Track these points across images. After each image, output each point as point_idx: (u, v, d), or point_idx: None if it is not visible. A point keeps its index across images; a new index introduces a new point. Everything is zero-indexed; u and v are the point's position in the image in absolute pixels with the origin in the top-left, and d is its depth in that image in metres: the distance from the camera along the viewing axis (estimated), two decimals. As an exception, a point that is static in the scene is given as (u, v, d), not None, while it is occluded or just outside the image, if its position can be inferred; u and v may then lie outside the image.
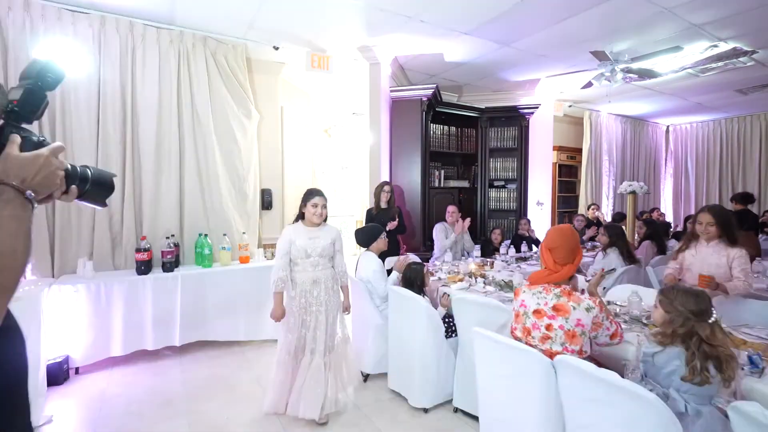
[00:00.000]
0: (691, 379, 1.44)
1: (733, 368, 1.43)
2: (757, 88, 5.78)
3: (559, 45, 4.24)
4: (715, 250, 2.47)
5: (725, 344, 1.47)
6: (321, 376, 2.35)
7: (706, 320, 1.49)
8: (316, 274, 2.41)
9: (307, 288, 2.40)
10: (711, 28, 3.85)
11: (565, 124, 7.24)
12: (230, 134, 3.92)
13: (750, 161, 7.44)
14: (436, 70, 5.06)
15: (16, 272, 0.70)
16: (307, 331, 2.38)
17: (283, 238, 2.42)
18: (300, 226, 2.46)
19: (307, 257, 2.39)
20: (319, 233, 2.45)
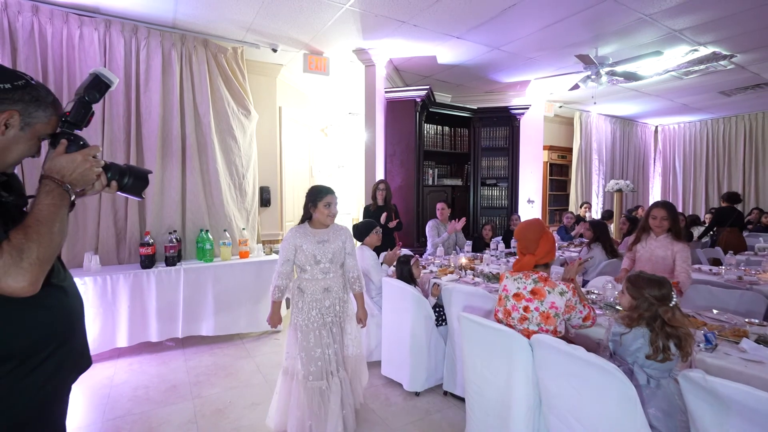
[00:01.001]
0: (655, 357, 1.61)
1: (690, 345, 1.60)
2: (740, 90, 5.99)
3: (546, 49, 4.41)
4: (662, 243, 2.66)
5: (684, 325, 1.63)
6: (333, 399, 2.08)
7: (667, 304, 1.66)
8: (327, 282, 2.12)
9: (318, 297, 2.11)
10: (690, 34, 4.04)
11: (556, 124, 7.43)
12: (230, 133, 4.06)
13: (735, 160, 7.67)
14: (429, 72, 5.22)
15: (54, 248, 0.90)
16: (323, 350, 2.08)
17: (287, 243, 2.10)
18: (307, 229, 2.14)
19: (317, 263, 2.09)
20: (329, 236, 2.14)
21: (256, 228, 4.41)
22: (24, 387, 0.89)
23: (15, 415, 0.88)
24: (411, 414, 2.51)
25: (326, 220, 2.12)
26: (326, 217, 2.11)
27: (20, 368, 0.89)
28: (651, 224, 2.70)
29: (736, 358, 1.60)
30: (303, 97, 5.62)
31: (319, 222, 2.15)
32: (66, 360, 1.00)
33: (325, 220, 2.13)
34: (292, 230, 2.14)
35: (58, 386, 0.99)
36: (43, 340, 0.94)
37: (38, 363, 0.92)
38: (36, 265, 0.83)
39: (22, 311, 0.90)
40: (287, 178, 5.10)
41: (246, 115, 4.20)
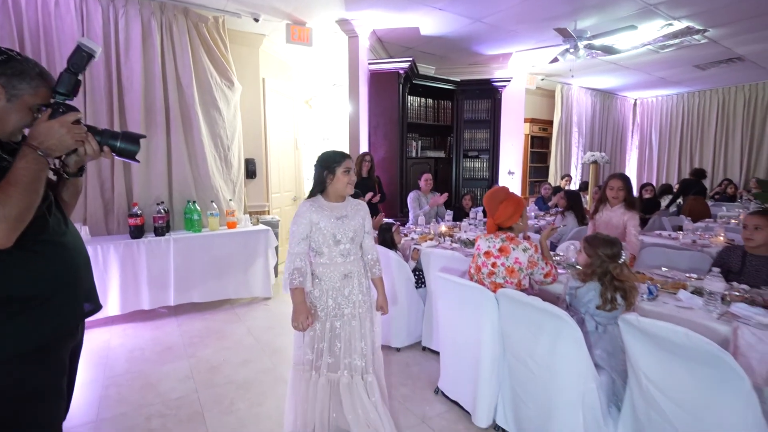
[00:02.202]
0: (604, 307, 1.83)
1: (634, 297, 1.82)
2: (713, 64, 6.16)
3: (526, 21, 4.47)
4: (616, 213, 2.89)
5: (630, 279, 1.85)
6: (370, 402, 1.84)
7: (617, 261, 1.87)
8: (347, 267, 1.83)
9: (336, 285, 1.81)
10: (665, 8, 4.14)
11: (538, 97, 7.55)
12: (214, 105, 4.07)
13: (708, 133, 7.96)
14: (413, 43, 5.23)
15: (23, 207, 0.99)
16: (340, 342, 1.82)
17: (302, 219, 1.77)
18: (322, 202, 1.82)
19: (336, 244, 1.79)
20: (347, 210, 1.84)
21: (242, 199, 4.49)
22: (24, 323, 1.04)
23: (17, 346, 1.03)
24: (391, 366, 2.74)
25: (346, 189, 1.81)
26: (346, 185, 1.79)
27: (21, 309, 1.04)
28: (608, 195, 2.90)
29: (671, 305, 1.84)
30: (286, 69, 5.57)
31: (335, 193, 1.82)
32: (65, 305, 1.14)
33: (345, 190, 1.81)
34: (306, 204, 1.81)
35: (59, 328, 1.12)
36: (42, 287, 1.08)
37: (37, 305, 1.06)
38: (4, 221, 0.94)
39: (22, 261, 1.04)
40: (272, 149, 5.14)
41: (229, 87, 4.20)
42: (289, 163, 5.76)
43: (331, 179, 1.80)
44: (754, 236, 2.27)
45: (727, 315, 1.68)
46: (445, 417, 2.20)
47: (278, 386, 2.51)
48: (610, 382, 1.76)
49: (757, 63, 6.08)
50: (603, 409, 1.71)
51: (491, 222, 2.12)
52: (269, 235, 4.09)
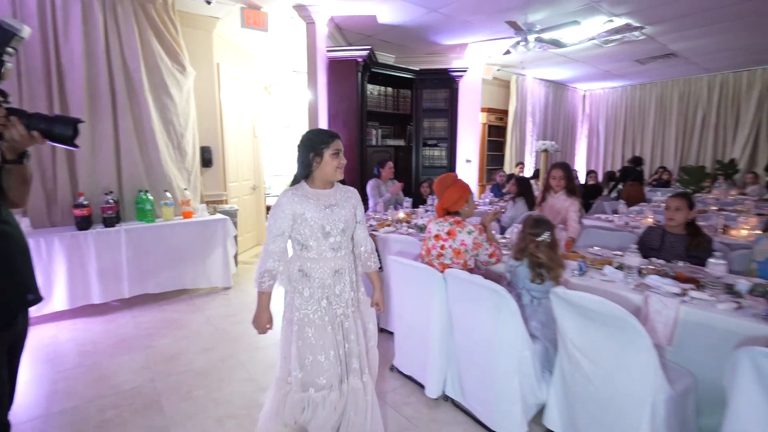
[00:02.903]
0: (533, 280, 2.01)
1: (556, 272, 2.00)
2: (652, 59, 6.62)
3: (480, 13, 4.61)
4: (559, 199, 3.13)
5: (548, 256, 2.02)
6: (364, 401, 1.67)
7: (535, 239, 2.05)
8: (338, 262, 1.63)
9: (327, 283, 1.61)
10: (607, 5, 4.41)
11: (495, 87, 7.80)
12: (165, 90, 3.93)
13: (647, 124, 8.57)
14: (371, 31, 5.25)
15: None
16: (337, 349, 1.63)
17: (280, 212, 1.57)
18: (307, 190, 1.61)
19: (326, 237, 1.58)
20: (336, 198, 1.64)
21: (198, 188, 4.39)
22: None
23: None
24: (350, 348, 2.85)
25: (336, 174, 1.61)
26: (336, 170, 1.60)
27: None
28: (551, 183, 3.13)
29: (597, 279, 2.05)
30: (243, 54, 5.43)
31: (322, 179, 1.62)
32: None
33: (334, 175, 1.61)
34: (288, 193, 1.58)
35: None
36: None
37: None
38: None
39: None
40: (229, 137, 5.03)
41: (181, 71, 4.06)
42: (248, 151, 5.66)
43: (318, 163, 1.58)
44: (675, 216, 2.53)
45: (641, 286, 1.91)
46: (399, 391, 2.33)
47: (237, 372, 2.55)
48: (544, 350, 1.95)
49: (689, 59, 6.60)
50: (537, 375, 1.90)
51: (439, 206, 2.25)
52: (227, 225, 4.05)
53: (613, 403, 1.59)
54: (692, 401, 1.64)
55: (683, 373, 1.65)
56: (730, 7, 4.41)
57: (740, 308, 1.64)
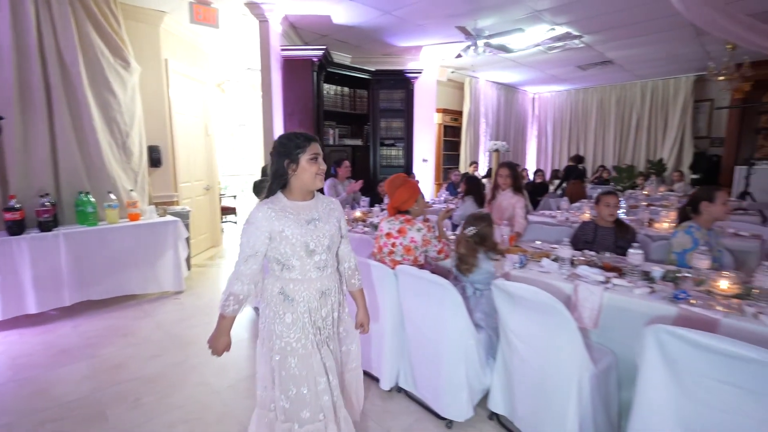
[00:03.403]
0: (460, 272, 2.16)
1: (469, 264, 2.15)
2: (592, 65, 7.11)
3: (433, 17, 4.76)
4: (506, 197, 3.34)
5: (467, 249, 2.16)
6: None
7: (463, 233, 2.20)
8: (324, 282, 1.47)
9: (313, 306, 1.45)
10: (549, 15, 4.70)
11: (450, 89, 8.04)
12: (107, 86, 3.74)
13: (589, 125, 9.17)
14: (327, 31, 5.26)
15: None
16: (329, 377, 1.47)
17: (254, 230, 1.37)
18: (284, 203, 1.42)
19: (309, 255, 1.42)
20: (319, 211, 1.47)
21: (146, 189, 4.21)
22: None
23: None
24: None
25: (315, 182, 1.43)
26: (315, 177, 1.42)
27: None
28: (498, 181, 3.32)
29: (535, 271, 2.21)
30: (194, 50, 5.24)
31: (301, 189, 1.44)
32: None
33: (314, 183, 1.43)
34: (263, 208, 1.38)
35: None
36: None
37: None
38: None
39: None
40: (179, 136, 4.86)
41: (125, 67, 3.88)
42: (200, 150, 5.48)
43: (294, 170, 1.40)
44: (614, 212, 2.78)
45: (572, 276, 2.09)
46: (354, 386, 2.39)
47: (190, 376, 2.50)
48: (488, 339, 2.09)
49: (624, 67, 7.15)
50: (482, 362, 2.03)
51: (390, 206, 2.33)
52: (178, 227, 3.92)
53: (546, 383, 1.74)
54: (614, 377, 1.83)
55: (606, 353, 1.83)
56: (657, 21, 4.84)
57: (653, 292, 1.84)
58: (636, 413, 1.47)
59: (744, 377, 1.23)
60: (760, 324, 1.53)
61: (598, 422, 1.72)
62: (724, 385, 1.27)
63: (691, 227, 2.30)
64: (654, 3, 4.24)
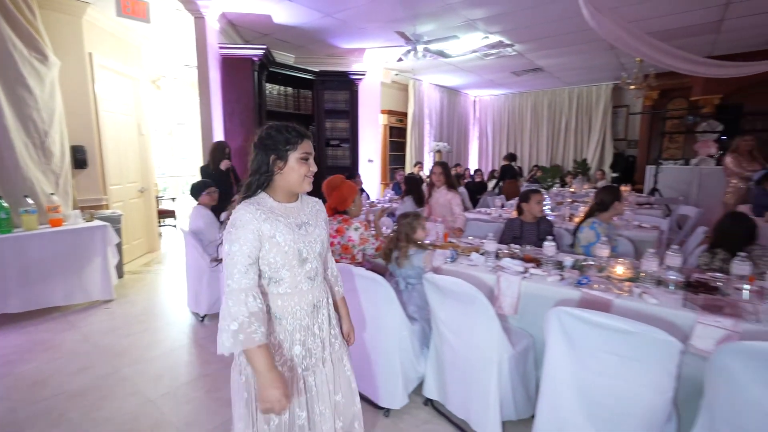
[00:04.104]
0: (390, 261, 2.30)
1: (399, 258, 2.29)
2: (524, 72, 7.62)
3: (374, 21, 4.88)
4: (442, 194, 3.56)
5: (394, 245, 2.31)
6: None
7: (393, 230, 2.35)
8: (315, 294, 1.32)
9: (304, 324, 1.28)
10: (482, 24, 4.99)
11: (394, 90, 8.22)
12: (21, 82, 3.44)
13: (525, 128, 9.81)
14: (268, 30, 5.19)
15: None
16: (320, 404, 1.30)
17: (244, 229, 1.16)
18: (270, 203, 1.25)
19: (302, 264, 1.26)
20: (307, 214, 1.33)
21: (70, 193, 3.93)
22: None
23: None
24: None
25: (303, 184, 1.26)
26: (303, 179, 1.25)
27: None
28: (432, 179, 3.51)
29: (464, 264, 2.38)
30: (123, 44, 4.94)
31: (286, 190, 1.27)
32: None
33: (301, 185, 1.25)
34: (249, 207, 1.19)
35: None
36: None
37: None
38: None
39: None
40: (108, 135, 4.57)
41: (42, 61, 3.59)
42: (133, 150, 5.19)
43: (281, 168, 1.22)
44: (541, 207, 3.03)
45: (497, 267, 2.28)
46: (295, 384, 2.43)
47: (121, 387, 2.40)
48: (422, 330, 2.22)
49: (553, 74, 7.74)
50: (416, 352, 2.16)
51: (328, 206, 2.40)
52: (107, 232, 3.69)
53: (472, 367, 1.90)
54: (531, 357, 2.03)
55: (524, 336, 2.03)
56: (577, 34, 5.31)
57: (563, 279, 2.07)
58: (544, 384, 1.66)
59: (624, 347, 1.45)
60: (644, 302, 1.78)
61: (517, 398, 1.91)
62: (610, 355, 1.48)
63: (594, 223, 2.60)
64: (573, 18, 4.66)
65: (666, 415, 1.50)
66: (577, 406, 1.58)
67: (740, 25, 4.88)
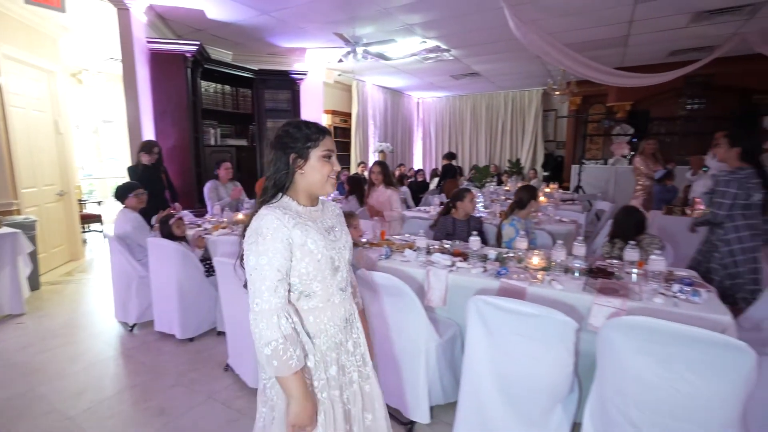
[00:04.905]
0: None
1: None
2: (462, 76, 7.97)
3: (313, 22, 4.88)
4: (381, 192, 3.70)
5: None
6: None
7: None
8: (346, 306, 1.23)
9: (338, 340, 1.18)
10: (420, 29, 5.17)
11: (338, 91, 8.24)
12: None
13: (465, 129, 10.26)
14: (202, 26, 5.00)
15: None
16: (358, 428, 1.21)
17: (274, 239, 1.04)
18: (296, 207, 1.14)
19: (334, 274, 1.16)
20: (330, 218, 1.23)
21: (-29, 197, 3.53)
22: None
23: None
24: (182, 357, 2.76)
25: (326, 186, 1.15)
26: (326, 180, 1.14)
27: None
28: (371, 178, 3.62)
29: (398, 261, 2.48)
30: (35, 34, 4.49)
31: (308, 192, 1.17)
32: None
33: (323, 187, 1.15)
34: (276, 212, 1.07)
35: None
36: None
37: None
38: None
39: None
40: (18, 134, 4.15)
41: (-69, 50, 3.20)
42: (49, 150, 4.75)
43: (301, 168, 1.12)
44: (474, 204, 3.22)
45: (427, 262, 2.41)
46: (231, 388, 2.39)
47: (36, 406, 2.22)
48: (358, 325, 2.29)
49: (488, 78, 8.18)
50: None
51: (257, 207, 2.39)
52: (18, 240, 3.37)
53: (404, 357, 2.00)
54: (458, 345, 2.17)
55: (451, 325, 2.17)
56: (507, 42, 5.64)
57: (485, 271, 2.24)
58: (465, 367, 1.80)
59: (530, 329, 1.61)
60: (553, 288, 1.99)
61: (445, 383, 2.05)
62: (520, 337, 1.64)
63: (514, 220, 2.84)
64: (503, 27, 4.95)
65: (569, 387, 1.69)
66: (493, 386, 1.73)
67: (644, 40, 5.49)
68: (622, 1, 4.18)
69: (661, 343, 1.39)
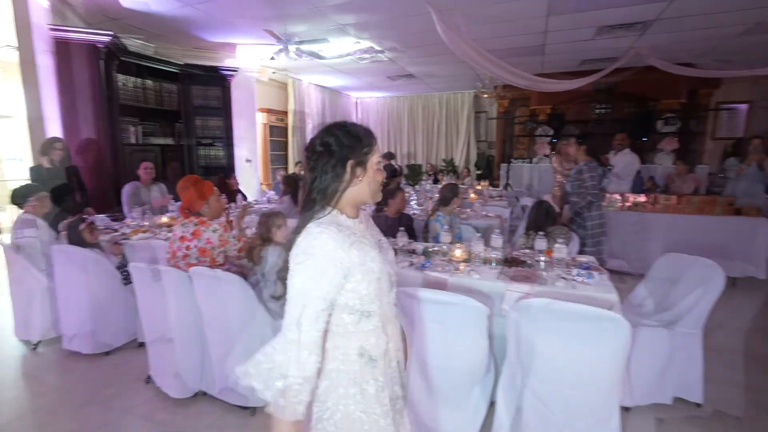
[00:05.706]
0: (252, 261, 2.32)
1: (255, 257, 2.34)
2: (399, 77, 8.15)
3: (243, 17, 4.71)
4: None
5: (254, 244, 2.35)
6: None
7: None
8: (398, 325, 1.14)
9: (394, 363, 1.08)
10: (353, 29, 5.21)
11: (274, 89, 8.03)
12: None
13: (403, 129, 10.51)
14: (117, 15, 4.61)
15: None
16: None
17: (327, 263, 0.93)
18: (347, 222, 1.02)
19: (390, 290, 1.08)
20: (372, 227, 1.15)
21: None
22: None
23: None
24: (95, 373, 2.54)
25: (377, 194, 1.07)
26: (378, 186, 1.06)
27: None
28: None
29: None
30: None
31: (356, 202, 1.05)
32: None
33: (375, 196, 1.06)
34: (326, 229, 0.94)
35: None
36: None
37: None
38: None
39: None
40: None
41: None
42: (-73, 149, 4.11)
43: (359, 177, 1.00)
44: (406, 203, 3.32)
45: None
46: (152, 401, 2.26)
47: None
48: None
49: (423, 80, 8.44)
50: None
51: (181, 207, 2.29)
52: None
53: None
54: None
55: (380, 318, 2.23)
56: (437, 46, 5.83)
57: (412, 265, 2.34)
58: (390, 360, 1.86)
59: (448, 316, 1.72)
60: (471, 278, 2.13)
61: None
62: (439, 324, 1.75)
63: (439, 216, 3.00)
64: (432, 31, 5.16)
65: (485, 369, 1.83)
66: (416, 372, 1.82)
67: (558, 49, 6.01)
68: (536, 13, 4.55)
69: (558, 320, 1.56)
